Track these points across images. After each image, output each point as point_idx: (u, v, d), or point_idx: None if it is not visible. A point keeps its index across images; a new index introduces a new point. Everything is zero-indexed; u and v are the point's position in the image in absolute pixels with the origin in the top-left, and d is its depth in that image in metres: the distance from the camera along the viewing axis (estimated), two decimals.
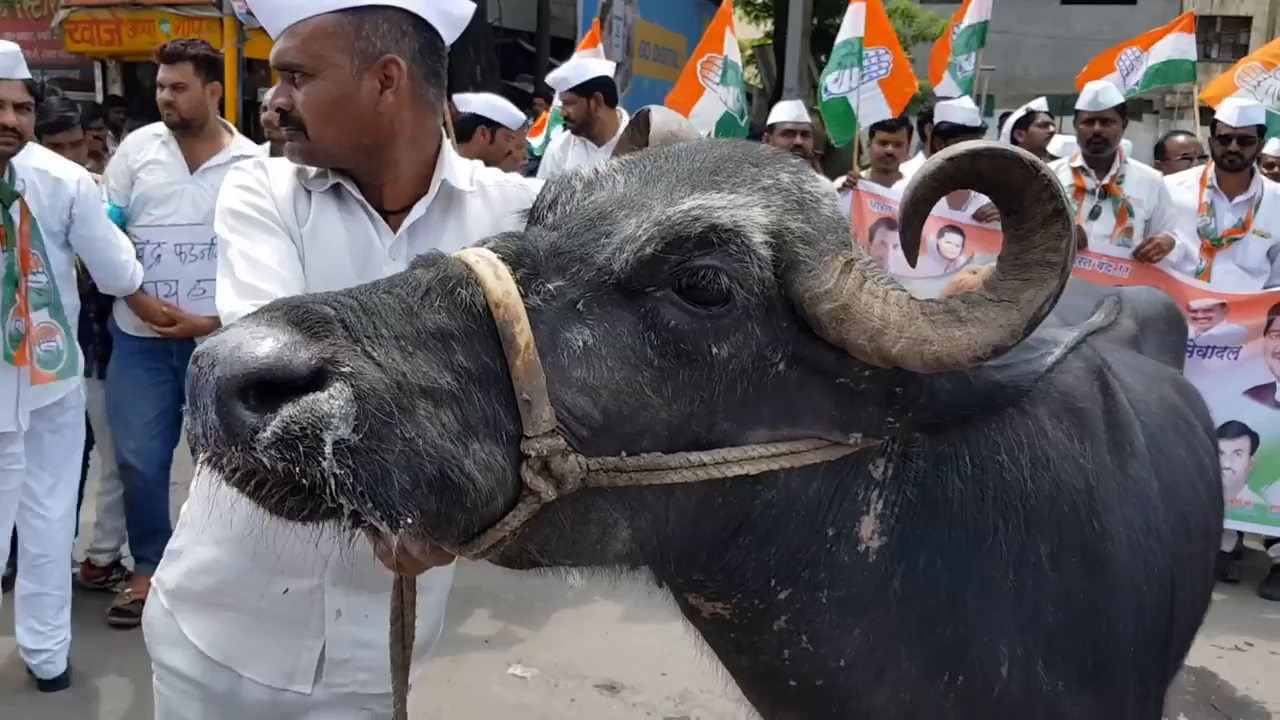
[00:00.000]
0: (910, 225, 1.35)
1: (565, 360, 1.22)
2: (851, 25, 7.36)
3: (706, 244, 1.26)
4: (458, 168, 2.13)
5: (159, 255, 4.61)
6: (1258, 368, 5.59)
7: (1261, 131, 6.06)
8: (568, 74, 6.60)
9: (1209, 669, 4.74)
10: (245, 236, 1.97)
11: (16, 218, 3.83)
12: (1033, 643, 1.60)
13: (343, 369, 1.09)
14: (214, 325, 4.63)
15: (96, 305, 4.81)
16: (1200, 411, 2.63)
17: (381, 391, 1.10)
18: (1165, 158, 7.73)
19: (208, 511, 2.05)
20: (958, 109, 6.95)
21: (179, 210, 4.62)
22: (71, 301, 4.27)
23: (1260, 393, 5.61)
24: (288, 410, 1.06)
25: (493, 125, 5.68)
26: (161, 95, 4.62)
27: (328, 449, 1.06)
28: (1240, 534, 6.13)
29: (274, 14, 1.98)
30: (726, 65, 7.86)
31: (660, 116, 1.64)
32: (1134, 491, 1.87)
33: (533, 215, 1.46)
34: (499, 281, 1.21)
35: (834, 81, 7.42)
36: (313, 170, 2.06)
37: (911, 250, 1.37)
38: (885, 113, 7.25)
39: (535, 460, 1.20)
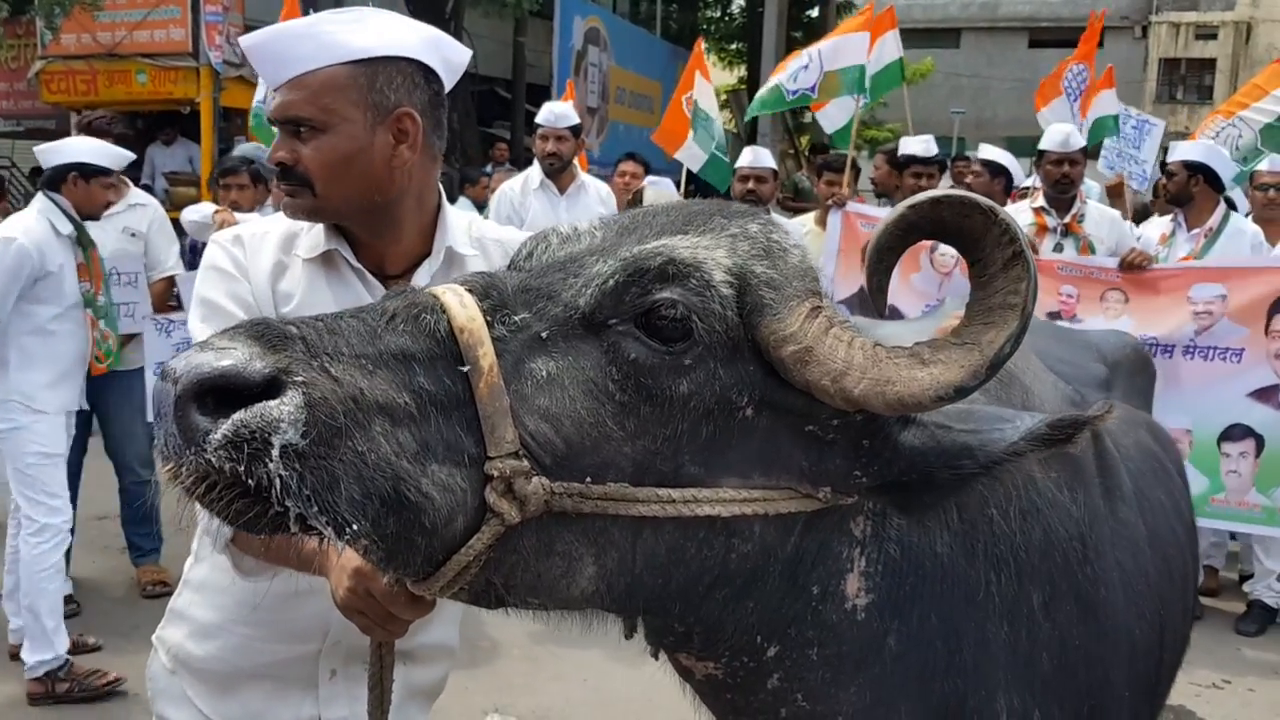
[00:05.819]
0: (876, 272, 1.38)
1: (529, 388, 1.25)
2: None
3: (666, 277, 1.29)
4: (457, 227, 2.06)
5: None
6: (1261, 369, 5.53)
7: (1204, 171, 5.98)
8: (565, 111, 6.61)
9: (1187, 707, 4.74)
10: (215, 329, 1.90)
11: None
12: (1029, 693, 1.60)
13: (296, 378, 1.13)
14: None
15: None
16: (1173, 455, 2.65)
17: (333, 402, 1.14)
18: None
19: (214, 577, 2.04)
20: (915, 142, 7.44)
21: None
22: None
23: (1264, 395, 5.53)
24: (239, 415, 1.10)
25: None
26: None
27: (275, 451, 1.10)
28: (1216, 570, 6.17)
29: (278, 66, 1.86)
30: (698, 114, 8.01)
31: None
32: (1124, 535, 1.88)
33: (510, 269, 1.49)
34: (464, 309, 1.25)
35: None
36: (302, 241, 1.98)
37: (879, 297, 1.39)
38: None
39: (499, 481, 1.21)
